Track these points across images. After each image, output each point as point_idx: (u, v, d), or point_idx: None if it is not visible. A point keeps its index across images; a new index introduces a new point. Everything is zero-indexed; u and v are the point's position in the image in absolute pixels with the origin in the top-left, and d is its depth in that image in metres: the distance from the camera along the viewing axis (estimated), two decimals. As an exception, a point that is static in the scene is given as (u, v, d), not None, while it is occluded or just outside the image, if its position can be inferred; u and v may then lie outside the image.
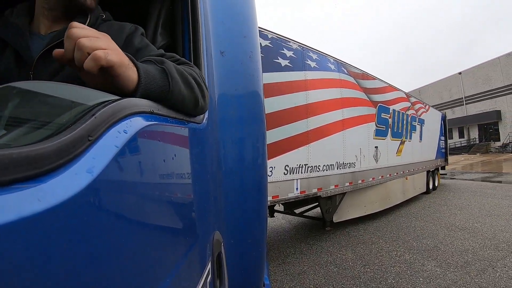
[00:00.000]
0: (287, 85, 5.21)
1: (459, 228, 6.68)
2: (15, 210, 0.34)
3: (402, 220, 7.65)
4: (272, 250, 5.78)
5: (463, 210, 8.44)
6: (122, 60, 0.68)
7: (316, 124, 5.69)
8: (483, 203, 9.23)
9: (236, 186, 1.40)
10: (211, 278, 0.99)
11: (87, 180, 0.45)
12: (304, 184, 5.46)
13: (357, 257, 5.17)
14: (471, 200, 9.87)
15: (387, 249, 5.53)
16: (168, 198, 0.76)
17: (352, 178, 6.70)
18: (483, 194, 10.75)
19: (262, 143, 1.59)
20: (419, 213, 8.48)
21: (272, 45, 5.07)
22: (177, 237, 0.80)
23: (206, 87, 1.02)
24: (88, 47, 0.64)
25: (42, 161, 0.40)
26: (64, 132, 0.46)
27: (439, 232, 6.42)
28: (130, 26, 1.10)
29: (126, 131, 0.57)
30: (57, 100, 0.57)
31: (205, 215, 1.04)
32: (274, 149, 4.89)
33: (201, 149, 1.06)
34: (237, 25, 1.55)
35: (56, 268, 0.39)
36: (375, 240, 6.09)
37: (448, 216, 7.91)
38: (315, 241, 6.22)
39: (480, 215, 7.76)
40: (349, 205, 6.91)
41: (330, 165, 6.03)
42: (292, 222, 8.01)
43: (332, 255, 5.38)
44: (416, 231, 6.65)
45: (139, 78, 0.72)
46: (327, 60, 6.27)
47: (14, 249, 0.33)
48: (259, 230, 1.55)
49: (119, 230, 0.53)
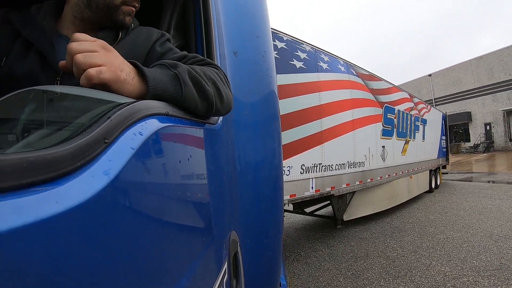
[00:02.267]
0: (302, 86, 5.35)
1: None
2: (33, 213, 0.35)
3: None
4: (289, 248, 5.81)
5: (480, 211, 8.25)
6: (117, 77, 0.67)
7: (329, 125, 5.85)
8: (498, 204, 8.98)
9: (252, 187, 1.40)
10: (227, 278, 0.99)
11: (104, 182, 0.45)
12: (319, 183, 5.58)
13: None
14: (479, 201, 9.55)
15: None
16: (184, 199, 0.76)
17: (362, 177, 6.86)
18: (485, 195, 10.50)
19: (277, 143, 1.58)
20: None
21: (287, 47, 5.17)
22: (194, 237, 0.80)
23: (229, 88, 1.00)
24: (83, 64, 0.65)
25: (59, 164, 0.40)
26: (80, 135, 0.46)
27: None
28: (157, 33, 1.09)
29: (142, 133, 0.57)
30: (73, 103, 0.58)
31: (221, 215, 1.04)
32: (291, 149, 5.01)
33: (216, 150, 1.06)
34: (249, 25, 1.55)
35: (74, 269, 0.39)
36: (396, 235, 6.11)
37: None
38: (328, 238, 6.33)
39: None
40: (358, 204, 7.07)
41: (342, 164, 6.18)
42: (301, 222, 8.00)
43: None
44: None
45: (147, 89, 0.72)
46: (337, 61, 6.41)
47: (33, 251, 0.34)
48: (275, 230, 1.55)
49: (137, 231, 0.53)
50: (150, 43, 1.05)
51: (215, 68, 0.98)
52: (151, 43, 1.05)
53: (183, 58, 0.99)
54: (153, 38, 1.06)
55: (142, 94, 0.72)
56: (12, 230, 0.32)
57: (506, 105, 26.97)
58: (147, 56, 1.02)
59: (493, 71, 27.14)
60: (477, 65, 28.76)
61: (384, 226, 7.02)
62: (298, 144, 5.17)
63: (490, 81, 27.10)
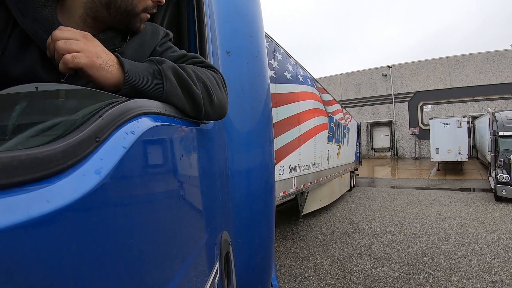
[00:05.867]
0: (291, 95, 6.31)
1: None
2: (24, 211, 0.34)
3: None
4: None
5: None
6: (92, 63, 0.70)
7: (303, 130, 6.91)
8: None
9: (244, 187, 1.40)
10: (219, 278, 0.99)
11: (95, 181, 0.45)
12: (297, 181, 6.49)
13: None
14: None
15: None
16: (175, 199, 0.76)
17: (318, 176, 8.12)
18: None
19: (269, 143, 1.58)
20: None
21: (283, 59, 6.02)
22: (185, 237, 0.80)
23: (225, 93, 0.97)
24: (61, 49, 0.68)
25: (50, 162, 0.40)
26: (72, 133, 0.46)
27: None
28: (162, 31, 1.06)
29: (134, 132, 0.57)
30: (65, 101, 0.58)
31: (213, 215, 1.04)
32: (284, 152, 5.81)
33: (208, 150, 1.06)
34: (242, 25, 1.54)
35: (64, 268, 0.39)
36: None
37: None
38: (296, 227, 7.61)
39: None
40: (311, 200, 8.18)
41: (308, 165, 7.27)
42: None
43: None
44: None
45: (124, 78, 0.73)
46: (307, 75, 7.55)
47: (24, 250, 0.34)
48: (267, 230, 1.55)
49: (128, 231, 0.53)
50: (156, 41, 1.03)
51: (212, 71, 0.96)
52: (157, 41, 1.03)
53: (182, 57, 0.97)
54: (159, 37, 1.04)
55: (120, 82, 0.73)
56: (2, 229, 0.32)
57: (370, 118, 30.18)
58: (151, 55, 0.99)
59: (361, 86, 30.06)
60: (346, 80, 31.58)
61: (332, 215, 8.75)
62: (288, 147, 5.99)
63: (357, 96, 30.11)
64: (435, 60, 26.50)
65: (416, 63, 27.24)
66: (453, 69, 25.40)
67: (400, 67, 27.74)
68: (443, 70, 25.80)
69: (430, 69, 26.39)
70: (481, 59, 24.50)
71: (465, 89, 24.76)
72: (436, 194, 12.08)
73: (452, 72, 25.45)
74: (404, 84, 27.51)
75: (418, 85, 26.84)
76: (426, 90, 26.33)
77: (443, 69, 25.80)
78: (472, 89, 24.49)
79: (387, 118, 28.30)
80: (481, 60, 24.45)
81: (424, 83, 26.53)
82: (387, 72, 28.27)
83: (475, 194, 11.96)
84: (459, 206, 9.55)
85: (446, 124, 17.86)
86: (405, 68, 27.52)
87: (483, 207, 9.23)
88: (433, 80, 26.20)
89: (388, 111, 28.36)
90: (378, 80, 28.87)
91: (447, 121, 18.08)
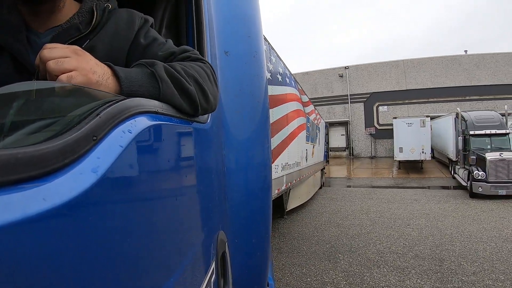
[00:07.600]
0: (282, 97, 6.62)
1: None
2: (21, 209, 0.34)
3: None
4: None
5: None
6: (89, 80, 0.67)
7: (290, 130, 7.20)
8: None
9: (241, 186, 1.40)
10: (215, 278, 0.99)
11: (92, 180, 0.45)
12: (287, 179, 6.75)
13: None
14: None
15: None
16: (172, 198, 0.76)
17: (299, 174, 8.38)
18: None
19: (266, 143, 1.59)
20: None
21: (276, 62, 6.32)
22: (181, 236, 0.80)
23: (215, 84, 0.97)
24: (54, 71, 0.65)
25: (47, 161, 0.40)
26: (69, 132, 0.46)
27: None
28: (139, 18, 1.01)
29: (131, 130, 0.57)
30: (62, 100, 0.58)
31: (209, 215, 1.04)
32: (278, 151, 6.07)
33: (205, 149, 1.06)
34: (241, 25, 1.54)
35: (61, 266, 0.39)
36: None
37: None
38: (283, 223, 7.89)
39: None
40: (292, 197, 8.43)
41: (293, 164, 7.54)
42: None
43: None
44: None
45: (121, 89, 0.72)
46: (291, 77, 7.90)
47: (20, 248, 0.34)
48: (264, 230, 1.55)
49: (124, 230, 0.53)
50: (133, 31, 0.98)
51: (201, 63, 0.95)
52: (134, 31, 0.98)
53: (171, 55, 0.96)
54: (136, 26, 0.99)
55: (117, 92, 0.72)
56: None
57: (325, 118, 30.58)
58: (131, 48, 0.97)
59: (317, 86, 30.26)
60: (302, 79, 31.33)
61: (318, 220, 8.67)
62: (281, 145, 6.26)
63: (313, 95, 29.90)
64: (392, 63, 26.98)
65: (372, 65, 27.56)
66: (409, 71, 26.01)
67: (357, 68, 28.05)
68: (399, 72, 26.33)
69: (386, 71, 26.79)
70: (436, 63, 25.13)
71: (420, 91, 25.40)
72: (409, 192, 12.19)
73: (407, 75, 26.08)
74: (360, 85, 27.88)
75: (374, 86, 27.20)
76: (382, 91, 26.73)
77: (399, 71, 26.31)
78: (427, 91, 25.12)
79: (343, 118, 28.58)
80: (436, 64, 25.09)
81: (380, 84, 26.94)
82: (344, 73, 28.56)
83: (448, 191, 12.11)
84: (438, 204, 9.59)
85: (410, 123, 18.13)
86: (362, 70, 27.84)
87: (463, 205, 9.30)
88: (389, 81, 26.70)
89: (344, 111, 28.69)
90: (334, 80, 29.18)
91: (410, 120, 18.37)
